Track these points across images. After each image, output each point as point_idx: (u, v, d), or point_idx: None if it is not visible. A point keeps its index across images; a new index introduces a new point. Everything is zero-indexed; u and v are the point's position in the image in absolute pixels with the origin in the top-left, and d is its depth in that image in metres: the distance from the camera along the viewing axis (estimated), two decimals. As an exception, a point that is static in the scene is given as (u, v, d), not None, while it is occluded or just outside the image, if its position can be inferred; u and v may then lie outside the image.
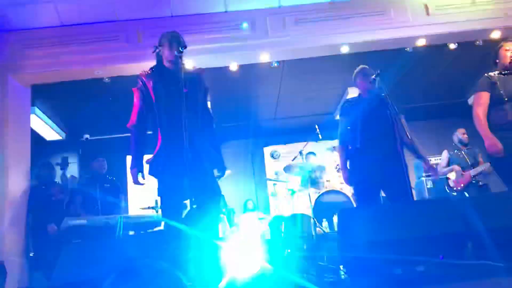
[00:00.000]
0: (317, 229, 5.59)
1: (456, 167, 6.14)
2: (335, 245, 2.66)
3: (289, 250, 2.94)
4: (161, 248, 2.33)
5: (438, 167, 6.60)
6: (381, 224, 2.43)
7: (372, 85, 3.82)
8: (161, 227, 4.73)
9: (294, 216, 3.48)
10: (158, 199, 3.22)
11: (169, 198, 3.10)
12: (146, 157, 3.20)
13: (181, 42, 3.15)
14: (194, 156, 2.85)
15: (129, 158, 8.87)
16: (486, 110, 3.73)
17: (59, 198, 5.31)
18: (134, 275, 1.15)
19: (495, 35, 5.59)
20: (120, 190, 5.89)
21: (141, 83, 3.20)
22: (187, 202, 3.06)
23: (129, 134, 3.23)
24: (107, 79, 5.69)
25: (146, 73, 3.22)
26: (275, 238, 4.59)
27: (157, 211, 5.42)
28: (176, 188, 3.02)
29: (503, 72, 3.84)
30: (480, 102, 3.75)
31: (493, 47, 5.69)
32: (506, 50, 3.84)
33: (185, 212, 5.20)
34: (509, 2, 5.49)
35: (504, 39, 5.33)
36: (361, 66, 4.06)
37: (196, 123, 3.11)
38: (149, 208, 6.05)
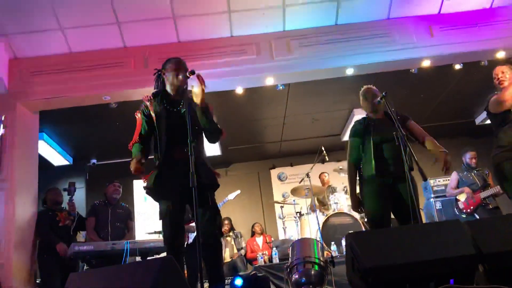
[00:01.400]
0: (326, 252, 5.53)
1: (467, 189, 6.06)
2: (343, 269, 2.61)
3: (296, 276, 2.90)
4: (167, 276, 2.30)
5: (447, 188, 6.53)
6: (390, 248, 2.39)
7: (377, 106, 3.79)
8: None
9: (302, 240, 3.43)
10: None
11: (170, 221, 3.10)
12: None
13: (186, 68, 3.23)
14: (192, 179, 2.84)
15: (136, 183, 8.87)
16: None
17: (66, 224, 5.29)
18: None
19: (500, 55, 5.59)
20: (131, 217, 5.88)
21: (144, 106, 3.28)
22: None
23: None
24: (114, 105, 5.73)
25: (149, 97, 3.29)
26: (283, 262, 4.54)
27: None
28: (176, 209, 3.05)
29: None
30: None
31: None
32: (496, 74, 3.89)
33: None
34: (513, 22, 5.51)
35: (508, 60, 5.38)
36: (366, 86, 4.03)
37: (197, 142, 3.13)
38: (155, 232, 6.03)
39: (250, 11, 5.30)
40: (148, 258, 4.73)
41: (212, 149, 7.95)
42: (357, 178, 3.83)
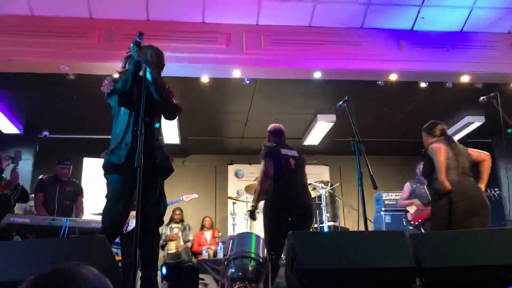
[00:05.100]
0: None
1: (416, 201, 6.11)
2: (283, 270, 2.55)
3: (233, 270, 2.82)
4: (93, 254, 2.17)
5: (399, 199, 6.58)
6: (332, 252, 2.35)
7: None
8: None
9: (241, 234, 3.36)
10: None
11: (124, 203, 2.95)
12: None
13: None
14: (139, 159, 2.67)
15: (86, 160, 8.51)
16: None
17: (5, 193, 5.02)
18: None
19: (465, 79, 5.70)
20: (82, 193, 5.68)
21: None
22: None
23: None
24: (72, 76, 5.49)
25: None
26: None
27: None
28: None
29: None
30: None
31: (462, 90, 5.84)
32: None
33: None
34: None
35: (471, 84, 5.49)
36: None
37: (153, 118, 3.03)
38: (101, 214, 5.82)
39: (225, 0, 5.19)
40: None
41: (170, 138, 7.77)
42: None
